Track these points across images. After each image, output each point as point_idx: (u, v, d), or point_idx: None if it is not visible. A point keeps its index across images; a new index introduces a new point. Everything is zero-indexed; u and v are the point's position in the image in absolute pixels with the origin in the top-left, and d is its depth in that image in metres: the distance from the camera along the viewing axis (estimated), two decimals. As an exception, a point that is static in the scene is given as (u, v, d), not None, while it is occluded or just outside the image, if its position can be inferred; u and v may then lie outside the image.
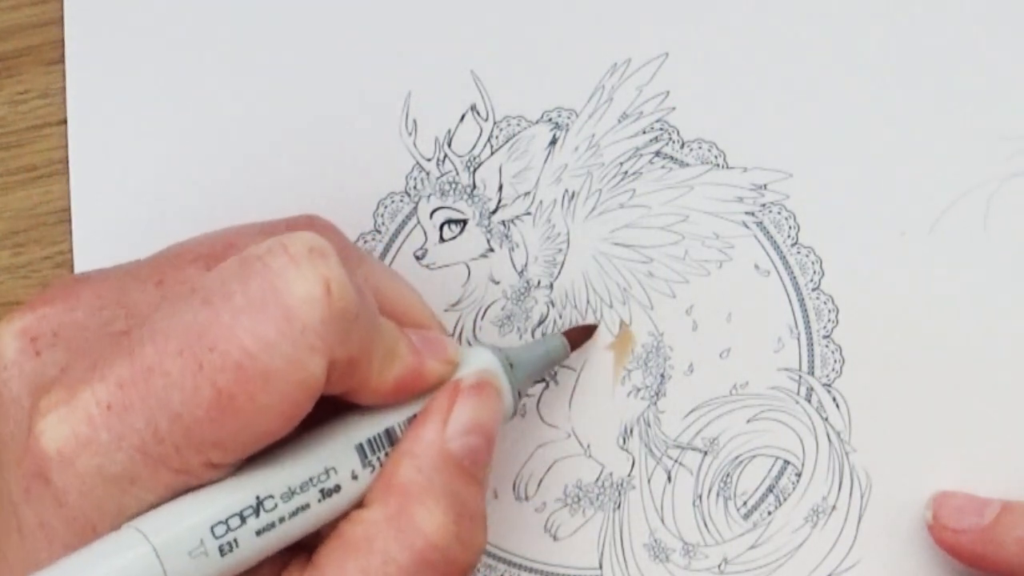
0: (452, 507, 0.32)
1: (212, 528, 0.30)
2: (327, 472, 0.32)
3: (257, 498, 0.30)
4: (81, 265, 0.42)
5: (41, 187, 0.42)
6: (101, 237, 0.41)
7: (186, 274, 0.33)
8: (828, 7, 0.40)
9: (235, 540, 0.30)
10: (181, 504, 0.30)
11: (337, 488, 0.32)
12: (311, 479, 0.31)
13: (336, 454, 0.32)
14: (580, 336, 0.40)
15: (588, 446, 0.41)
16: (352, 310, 0.30)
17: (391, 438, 0.33)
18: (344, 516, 0.32)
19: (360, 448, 0.33)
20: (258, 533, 0.30)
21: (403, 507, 0.32)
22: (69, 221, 0.42)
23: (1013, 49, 0.40)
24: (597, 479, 0.41)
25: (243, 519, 0.30)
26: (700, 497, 0.41)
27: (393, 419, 0.33)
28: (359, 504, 0.33)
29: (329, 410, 0.33)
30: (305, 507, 0.31)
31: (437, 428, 0.33)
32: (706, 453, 0.41)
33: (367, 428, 0.33)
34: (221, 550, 0.30)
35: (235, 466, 0.31)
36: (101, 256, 0.41)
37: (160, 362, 0.29)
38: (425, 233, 0.41)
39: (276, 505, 0.31)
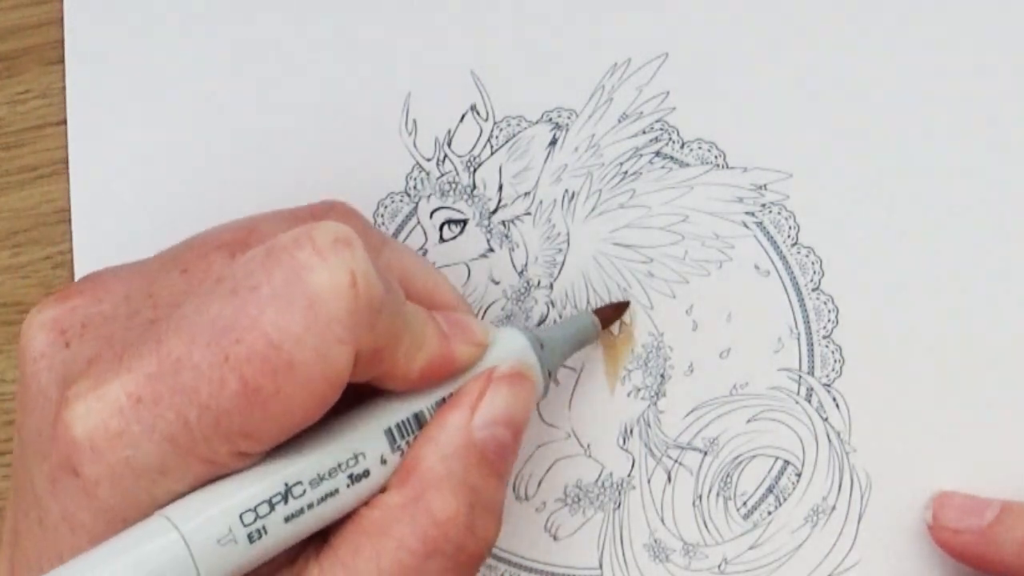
0: (467, 497, 0.32)
1: (241, 516, 0.30)
2: (356, 457, 0.31)
3: (286, 485, 0.30)
4: (81, 265, 0.42)
5: (41, 187, 0.42)
6: (101, 237, 0.41)
7: (210, 261, 0.33)
8: (828, 7, 0.40)
9: (264, 527, 0.30)
10: (210, 492, 0.30)
11: (366, 473, 0.32)
12: (340, 464, 0.31)
13: (365, 439, 0.32)
14: (611, 314, 0.40)
15: (588, 446, 0.41)
16: (378, 300, 0.30)
17: (420, 422, 0.33)
18: (365, 501, 0.32)
19: (389, 432, 0.32)
20: (287, 520, 0.30)
21: (420, 493, 0.32)
22: (69, 221, 0.42)
23: (1010, 48, 0.40)
24: (597, 479, 0.41)
25: (272, 506, 0.30)
26: (700, 497, 0.41)
27: (422, 403, 0.33)
28: (383, 489, 0.32)
29: (356, 394, 0.32)
30: (334, 492, 0.31)
31: (464, 416, 0.33)
32: (706, 453, 0.41)
33: (396, 412, 0.33)
34: (250, 537, 0.30)
35: (263, 454, 0.31)
36: (101, 256, 0.41)
37: (187, 354, 0.29)
38: (425, 233, 0.41)
39: (305, 491, 0.30)
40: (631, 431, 0.41)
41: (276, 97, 0.41)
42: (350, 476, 0.31)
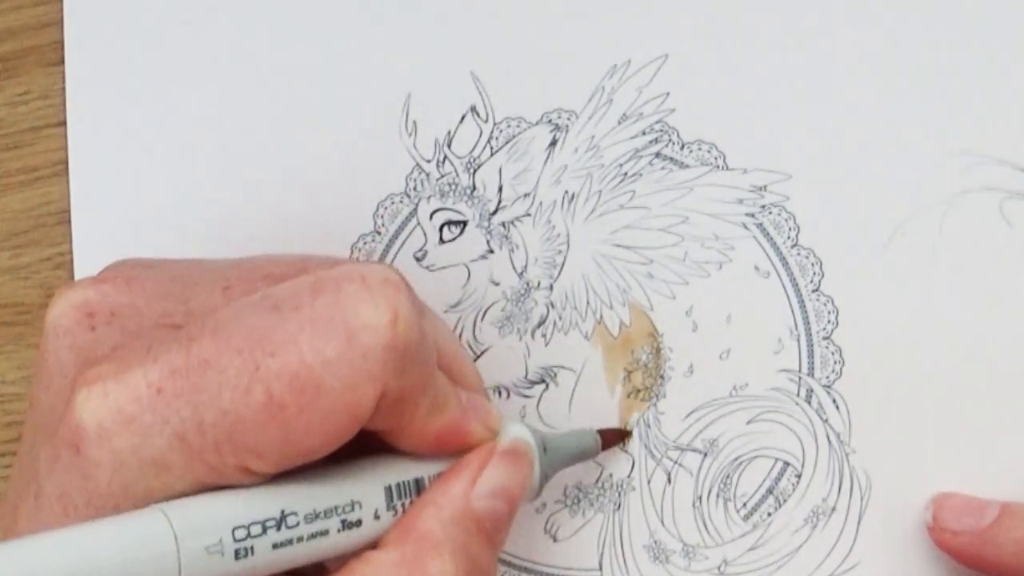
0: (465, 564, 0.32)
1: (234, 530, 0.30)
2: (352, 505, 0.32)
3: (282, 512, 0.30)
4: (81, 266, 0.42)
5: (41, 188, 0.42)
6: (101, 238, 0.41)
7: (254, 288, 0.33)
8: (828, 8, 0.40)
9: (252, 547, 0.30)
10: (208, 499, 0.30)
11: (358, 523, 0.32)
12: (336, 507, 0.31)
13: (364, 490, 0.32)
14: (613, 438, 0.40)
15: (588, 447, 0.41)
16: (414, 345, 0.30)
17: (419, 488, 0.33)
18: (356, 554, 0.32)
19: (388, 490, 0.33)
20: (274, 547, 0.30)
21: (417, 554, 0.32)
22: (69, 222, 0.42)
23: (1011, 49, 0.40)
24: (597, 480, 0.41)
25: (264, 529, 0.30)
26: (700, 498, 0.41)
27: (425, 471, 0.33)
28: (373, 546, 0.32)
29: (362, 451, 0.33)
30: (324, 533, 0.31)
31: (465, 484, 0.33)
32: (706, 454, 0.41)
33: (399, 473, 0.33)
34: (237, 553, 0.30)
35: (265, 477, 0.31)
36: (101, 257, 0.41)
37: (217, 356, 0.29)
38: (425, 234, 0.41)
39: (298, 523, 0.31)
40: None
41: (276, 97, 0.41)
42: (343, 521, 0.31)
